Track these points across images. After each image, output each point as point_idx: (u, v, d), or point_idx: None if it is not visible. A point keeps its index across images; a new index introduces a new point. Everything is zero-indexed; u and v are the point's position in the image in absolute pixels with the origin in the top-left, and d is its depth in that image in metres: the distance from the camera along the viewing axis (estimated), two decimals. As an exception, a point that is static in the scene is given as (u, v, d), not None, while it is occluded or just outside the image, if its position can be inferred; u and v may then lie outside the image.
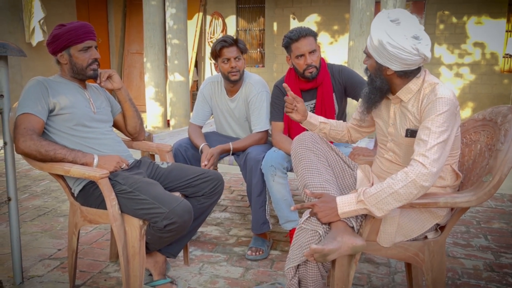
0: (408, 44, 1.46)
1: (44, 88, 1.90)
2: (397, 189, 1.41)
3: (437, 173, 1.43)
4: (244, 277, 2.21)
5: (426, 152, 1.42)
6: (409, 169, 1.43)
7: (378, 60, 1.54)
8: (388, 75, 1.57)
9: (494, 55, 8.32)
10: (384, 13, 1.53)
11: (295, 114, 1.94)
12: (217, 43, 2.52)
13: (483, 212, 3.21)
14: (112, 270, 2.27)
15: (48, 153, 1.81)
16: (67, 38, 1.94)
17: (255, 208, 2.45)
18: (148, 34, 7.01)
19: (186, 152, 2.56)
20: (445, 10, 8.40)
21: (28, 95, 1.87)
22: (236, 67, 2.51)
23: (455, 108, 1.48)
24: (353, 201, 1.48)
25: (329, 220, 1.51)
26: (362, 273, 2.25)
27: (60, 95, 1.94)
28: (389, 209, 1.44)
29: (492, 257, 2.45)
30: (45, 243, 2.59)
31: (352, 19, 5.83)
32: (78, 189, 1.93)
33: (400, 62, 1.50)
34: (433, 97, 1.49)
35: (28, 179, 4.05)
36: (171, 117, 7.07)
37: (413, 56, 1.47)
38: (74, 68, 2.00)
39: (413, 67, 1.53)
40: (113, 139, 2.08)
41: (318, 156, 1.75)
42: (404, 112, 1.61)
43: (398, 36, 1.46)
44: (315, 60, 2.34)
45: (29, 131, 1.80)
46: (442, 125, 1.44)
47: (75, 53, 1.97)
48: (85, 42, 1.97)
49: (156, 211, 1.76)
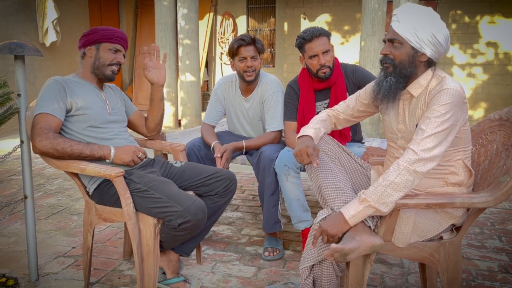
0: (446, 32, 1.53)
1: (62, 88, 1.93)
2: (393, 179, 1.43)
3: (432, 160, 1.43)
4: (256, 277, 2.21)
5: (421, 140, 1.44)
6: (401, 158, 1.46)
7: (415, 46, 1.53)
8: (420, 62, 1.57)
9: (507, 55, 8.23)
10: (410, 4, 1.58)
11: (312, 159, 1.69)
12: (235, 41, 2.52)
13: (497, 213, 3.18)
14: (126, 268, 2.28)
15: (65, 150, 1.83)
16: (103, 34, 2.01)
17: (268, 208, 2.45)
18: (160, 35, 7.05)
19: (199, 152, 2.58)
20: (457, 10, 8.33)
21: (45, 94, 1.89)
22: (252, 66, 2.51)
23: (461, 100, 1.47)
24: (356, 202, 1.48)
25: (341, 230, 1.49)
26: (375, 274, 2.24)
27: (77, 95, 1.96)
28: (392, 201, 1.44)
29: (506, 258, 2.42)
30: (59, 241, 2.62)
31: (364, 19, 5.81)
32: (93, 188, 1.94)
33: (436, 48, 1.53)
34: (439, 88, 1.50)
35: (42, 177, 4.10)
36: (182, 116, 7.10)
37: (446, 44, 1.53)
38: (96, 63, 2.03)
39: (438, 57, 1.56)
40: (126, 139, 2.10)
41: (331, 157, 1.74)
42: (413, 108, 1.60)
43: (438, 23, 1.52)
44: (329, 60, 2.34)
45: (44, 130, 1.82)
46: (444, 115, 1.44)
47: (104, 50, 2.02)
48: (117, 45, 2.04)
49: (171, 210, 1.77)
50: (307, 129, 1.76)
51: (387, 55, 1.60)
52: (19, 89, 1.97)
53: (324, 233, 1.50)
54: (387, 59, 1.60)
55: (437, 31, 1.51)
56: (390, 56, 1.59)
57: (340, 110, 1.88)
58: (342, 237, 1.50)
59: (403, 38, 1.54)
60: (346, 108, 1.87)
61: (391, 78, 1.60)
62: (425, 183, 1.59)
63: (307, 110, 2.47)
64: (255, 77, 2.56)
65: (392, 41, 1.57)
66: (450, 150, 1.54)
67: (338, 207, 1.56)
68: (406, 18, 1.53)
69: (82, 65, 2.08)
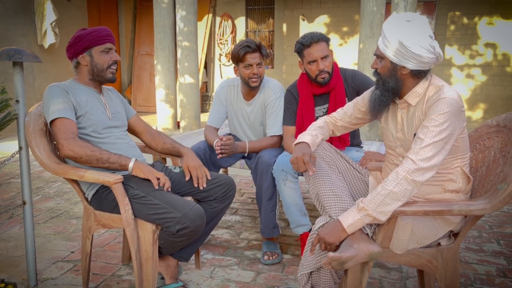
0: (426, 42, 1.48)
1: (65, 92, 1.93)
2: (392, 188, 1.43)
3: (430, 170, 1.44)
4: (255, 281, 2.22)
5: (419, 150, 1.45)
6: (399, 167, 1.46)
7: (393, 60, 1.54)
8: (403, 75, 1.57)
9: (506, 56, 8.24)
10: (397, 15, 1.56)
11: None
12: (240, 48, 2.47)
13: (495, 216, 3.19)
14: (125, 273, 2.29)
15: (94, 153, 1.83)
16: (90, 38, 1.98)
17: (266, 212, 2.45)
18: (158, 37, 7.05)
19: (204, 155, 2.58)
20: (456, 11, 8.34)
21: (53, 100, 1.89)
22: (258, 73, 2.50)
23: (458, 109, 1.48)
24: (354, 211, 1.49)
25: (338, 238, 1.50)
26: (374, 278, 2.24)
27: (80, 99, 1.96)
28: (390, 210, 1.44)
29: (505, 262, 2.43)
30: (58, 246, 2.62)
31: (363, 21, 5.81)
32: (91, 194, 1.95)
33: (417, 60, 1.50)
34: (436, 97, 1.50)
35: (41, 180, 4.10)
36: (181, 118, 7.10)
37: (430, 54, 1.49)
38: (95, 69, 2.01)
39: (427, 67, 1.54)
40: (127, 143, 2.10)
41: (329, 163, 1.75)
42: (411, 116, 1.61)
43: (416, 34, 1.48)
44: (328, 66, 2.34)
45: (70, 135, 1.84)
46: (442, 125, 1.45)
47: (97, 54, 2.00)
48: (107, 44, 2.01)
49: (169, 216, 1.77)
50: (304, 136, 1.76)
51: (376, 69, 1.63)
52: (17, 95, 1.97)
53: (321, 241, 1.51)
54: (375, 73, 1.64)
55: (414, 44, 1.48)
56: (377, 70, 1.62)
57: (338, 117, 1.89)
58: (340, 244, 1.51)
59: (383, 53, 1.56)
60: (344, 115, 1.88)
61: (377, 91, 1.63)
62: (423, 190, 1.60)
63: (306, 114, 2.48)
64: (260, 83, 2.56)
65: (377, 56, 1.60)
66: (449, 158, 1.55)
67: (336, 214, 1.57)
68: (387, 33, 1.53)
69: (77, 73, 2.06)
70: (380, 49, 1.57)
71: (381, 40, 1.56)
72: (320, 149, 1.76)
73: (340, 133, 1.93)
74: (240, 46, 2.48)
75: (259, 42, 2.52)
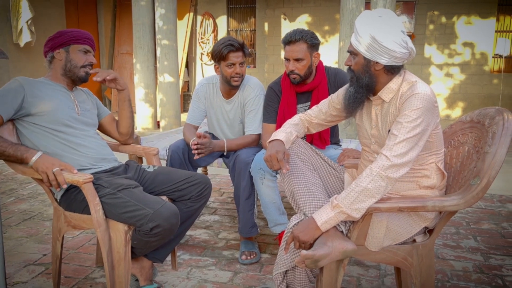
0: (398, 37, 1.47)
1: (20, 87, 1.85)
2: (366, 185, 1.42)
3: (404, 166, 1.43)
4: (232, 282, 2.18)
5: (393, 146, 1.43)
6: (373, 164, 1.45)
7: (366, 56, 1.52)
8: (376, 71, 1.55)
9: (484, 55, 8.38)
10: (369, 11, 1.54)
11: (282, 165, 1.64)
12: (223, 46, 2.40)
13: (472, 213, 3.22)
14: (98, 275, 2.23)
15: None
16: (71, 35, 1.97)
17: (244, 212, 2.42)
18: (137, 35, 6.96)
19: (183, 155, 2.53)
20: (435, 11, 8.44)
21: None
22: (240, 72, 2.46)
23: (431, 105, 1.47)
24: (329, 208, 1.47)
25: (312, 236, 1.47)
26: (352, 276, 2.23)
27: (40, 96, 1.89)
28: (364, 207, 1.43)
29: (481, 258, 2.45)
30: (30, 248, 2.54)
31: (342, 20, 5.83)
32: (60, 194, 1.89)
33: (390, 55, 1.49)
34: (409, 93, 1.49)
35: (15, 182, 3.99)
36: (161, 118, 7.02)
37: (403, 49, 1.48)
38: (68, 65, 1.98)
39: (400, 62, 1.52)
40: (98, 142, 2.04)
41: (303, 161, 1.72)
42: (385, 113, 1.59)
43: (388, 29, 1.47)
44: (299, 68, 2.29)
45: None
46: (415, 120, 1.44)
47: (74, 52, 1.98)
48: (86, 45, 2.01)
49: (140, 213, 1.72)
50: (278, 133, 1.73)
51: (349, 66, 1.61)
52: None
53: (296, 239, 1.48)
54: (349, 70, 1.62)
55: (386, 38, 1.47)
56: (351, 67, 1.60)
57: (313, 115, 1.86)
58: (314, 242, 1.48)
59: (356, 49, 1.54)
60: (319, 112, 1.85)
61: (351, 88, 1.61)
62: (398, 186, 1.59)
63: (287, 111, 2.45)
64: (241, 82, 2.52)
65: (350, 53, 1.58)
66: (423, 154, 1.54)
67: (311, 212, 1.55)
68: (359, 29, 1.51)
69: (51, 69, 2.02)
70: (353, 46, 1.55)
71: (354, 37, 1.55)
72: (294, 147, 1.74)
73: (315, 131, 1.91)
74: (223, 44, 2.42)
75: (242, 41, 2.49)
